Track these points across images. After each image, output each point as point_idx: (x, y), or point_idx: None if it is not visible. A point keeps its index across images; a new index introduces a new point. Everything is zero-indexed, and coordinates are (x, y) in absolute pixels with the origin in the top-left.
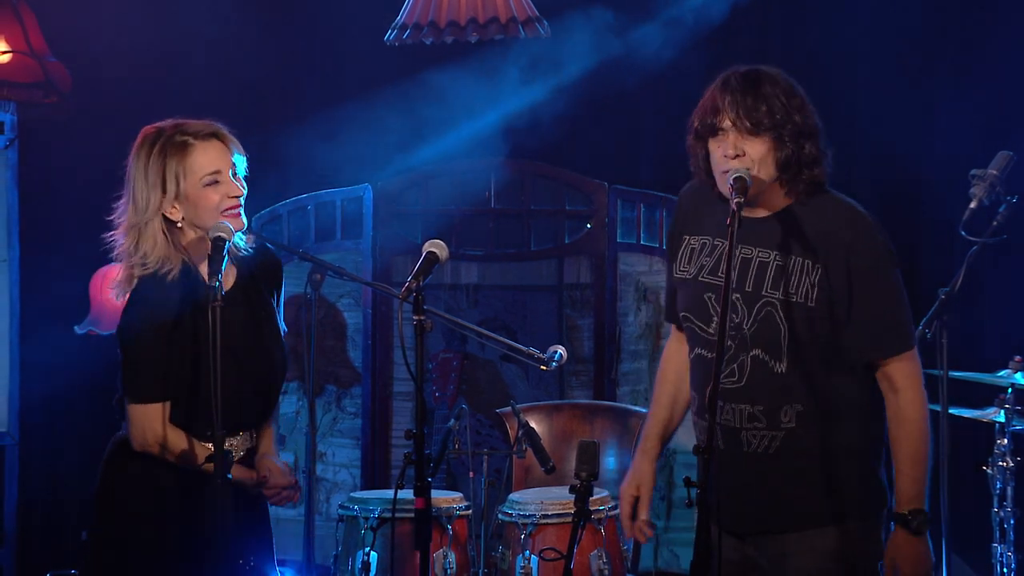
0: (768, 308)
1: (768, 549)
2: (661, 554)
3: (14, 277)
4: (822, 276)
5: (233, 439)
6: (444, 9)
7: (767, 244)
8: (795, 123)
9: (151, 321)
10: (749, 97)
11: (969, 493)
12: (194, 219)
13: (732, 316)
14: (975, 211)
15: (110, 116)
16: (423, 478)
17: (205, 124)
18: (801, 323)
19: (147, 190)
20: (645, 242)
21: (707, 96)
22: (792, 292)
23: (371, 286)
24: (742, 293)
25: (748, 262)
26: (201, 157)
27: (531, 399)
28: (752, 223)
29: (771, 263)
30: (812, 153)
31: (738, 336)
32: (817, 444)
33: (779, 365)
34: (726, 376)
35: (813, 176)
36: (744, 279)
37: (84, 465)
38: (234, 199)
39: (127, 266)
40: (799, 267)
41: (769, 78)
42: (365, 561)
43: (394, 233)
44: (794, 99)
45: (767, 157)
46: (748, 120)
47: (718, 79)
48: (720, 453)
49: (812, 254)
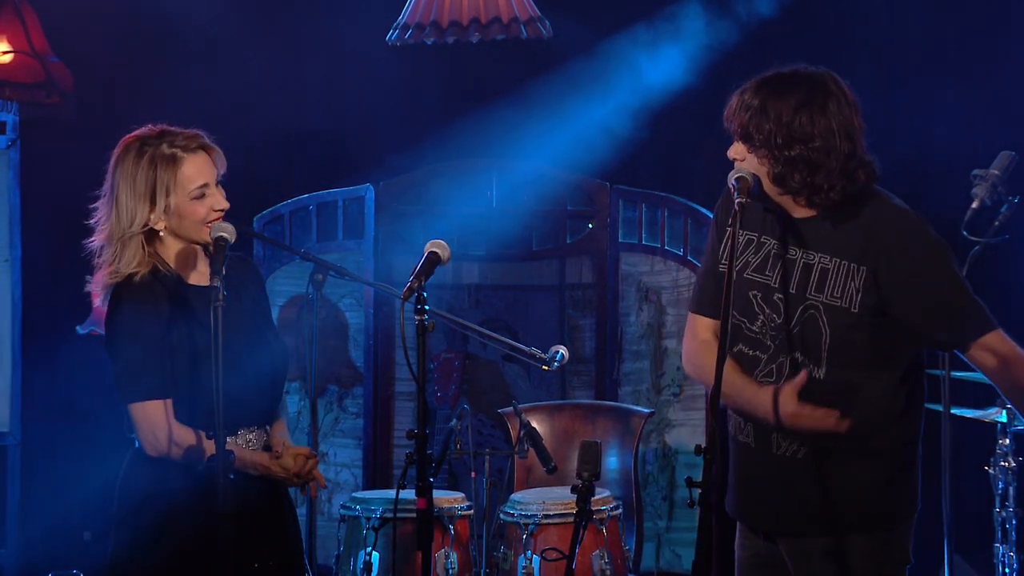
0: (812, 311)
1: (793, 551)
2: (663, 554)
3: (16, 277)
4: (868, 279)
5: (249, 434)
6: (446, 9)
7: (808, 245)
8: (784, 150)
9: (131, 323)
10: (749, 112)
11: (971, 493)
12: (177, 230)
13: (775, 316)
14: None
15: (112, 116)
16: (425, 478)
17: (191, 135)
18: (843, 329)
19: (133, 202)
20: (647, 242)
21: (734, 94)
22: (836, 296)
23: (373, 286)
24: (786, 295)
25: (793, 263)
26: (190, 170)
27: (533, 399)
28: (800, 224)
29: (815, 265)
30: (808, 179)
31: (779, 337)
32: (847, 451)
33: (818, 370)
34: (764, 375)
35: (824, 194)
36: (788, 280)
37: (86, 465)
38: (219, 212)
39: (104, 274)
40: (844, 270)
41: (782, 92)
42: (367, 561)
43: (396, 233)
44: (803, 116)
45: (760, 170)
46: (739, 132)
47: (752, 79)
48: (750, 450)
49: (859, 257)
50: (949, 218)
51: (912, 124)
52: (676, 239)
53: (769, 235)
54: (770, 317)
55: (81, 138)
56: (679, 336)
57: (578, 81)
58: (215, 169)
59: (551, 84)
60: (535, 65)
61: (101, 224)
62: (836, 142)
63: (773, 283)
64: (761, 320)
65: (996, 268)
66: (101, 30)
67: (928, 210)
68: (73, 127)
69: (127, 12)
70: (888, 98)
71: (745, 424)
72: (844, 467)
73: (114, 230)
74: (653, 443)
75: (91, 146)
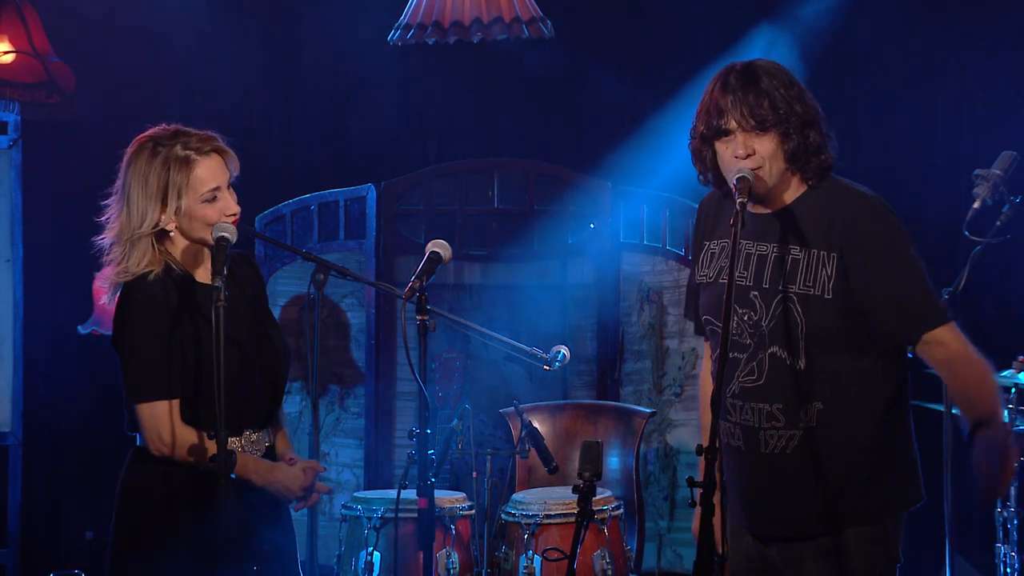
0: (786, 303)
1: (787, 553)
2: (664, 554)
3: (18, 277)
4: (838, 264)
5: (253, 434)
6: (448, 9)
7: (780, 239)
8: (797, 113)
9: (143, 322)
10: (751, 94)
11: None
12: (188, 231)
13: (751, 314)
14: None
15: (113, 116)
16: (426, 478)
17: (206, 137)
18: (819, 317)
19: (145, 203)
20: (648, 242)
21: (707, 97)
22: (809, 285)
23: (374, 286)
24: (760, 290)
25: (764, 259)
26: (203, 173)
27: (534, 399)
28: (763, 219)
29: (786, 257)
30: (817, 140)
31: (756, 333)
32: (836, 445)
33: (798, 362)
34: (746, 375)
35: (822, 161)
36: (761, 276)
37: (87, 465)
38: (231, 217)
39: (113, 272)
40: (815, 259)
41: (766, 71)
42: (368, 561)
43: (397, 233)
44: (792, 89)
45: (776, 152)
46: (753, 118)
47: (716, 79)
48: (740, 453)
49: (826, 243)
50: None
51: (914, 124)
52: (678, 239)
53: (741, 236)
54: (746, 315)
55: (82, 138)
56: (680, 336)
57: (579, 81)
58: (228, 172)
59: (552, 84)
60: (536, 65)
61: (111, 222)
62: (816, 104)
63: (747, 281)
64: (736, 320)
65: (997, 268)
66: (102, 30)
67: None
68: (74, 127)
69: (128, 12)
70: (889, 97)
71: (735, 428)
72: (831, 460)
73: (124, 229)
74: (655, 443)
75: (93, 146)
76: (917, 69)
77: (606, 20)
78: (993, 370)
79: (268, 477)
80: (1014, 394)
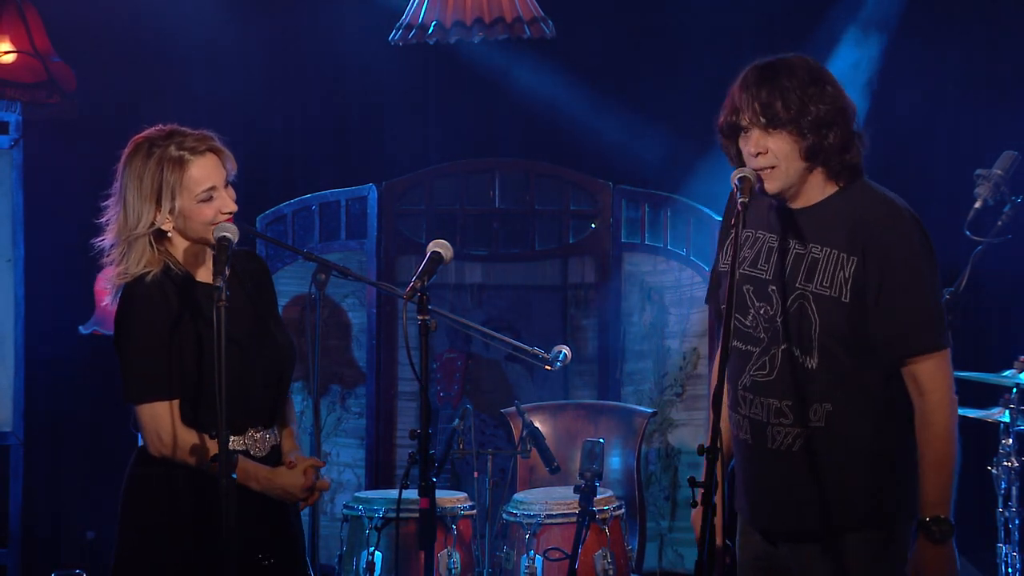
0: (801, 301)
1: (795, 554)
2: (666, 554)
3: (19, 276)
4: (857, 268)
5: (257, 433)
6: (449, 9)
7: (803, 236)
8: (812, 113)
9: (142, 323)
10: (764, 92)
11: (974, 493)
12: (185, 231)
13: (768, 308)
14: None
15: (114, 116)
16: (427, 478)
17: (200, 137)
18: (833, 318)
19: (140, 204)
20: (650, 242)
21: (729, 94)
22: (826, 286)
23: (376, 286)
24: (778, 285)
25: (787, 254)
26: (198, 173)
27: (535, 399)
28: (790, 214)
29: (806, 255)
30: (837, 140)
31: (771, 328)
32: (843, 447)
33: (810, 360)
34: (757, 369)
35: (848, 160)
36: (781, 272)
37: (88, 465)
38: (227, 215)
39: (112, 273)
40: (834, 260)
41: (788, 69)
42: (369, 561)
43: (398, 233)
44: (812, 88)
45: (791, 151)
46: (763, 116)
47: (740, 75)
48: (748, 447)
49: (847, 246)
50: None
51: (915, 123)
52: (679, 239)
53: (766, 229)
54: (762, 309)
55: (83, 138)
56: (681, 336)
57: (580, 80)
58: (224, 171)
59: (553, 84)
60: (537, 65)
61: (110, 223)
62: (844, 103)
63: (766, 275)
64: (752, 314)
65: (999, 268)
66: (103, 30)
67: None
68: (75, 127)
69: (129, 12)
70: (890, 97)
71: (743, 421)
72: (837, 463)
73: (121, 230)
74: (656, 443)
75: (93, 146)
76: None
77: (606, 20)
78: (956, 443)
79: (269, 484)
80: (1016, 394)
